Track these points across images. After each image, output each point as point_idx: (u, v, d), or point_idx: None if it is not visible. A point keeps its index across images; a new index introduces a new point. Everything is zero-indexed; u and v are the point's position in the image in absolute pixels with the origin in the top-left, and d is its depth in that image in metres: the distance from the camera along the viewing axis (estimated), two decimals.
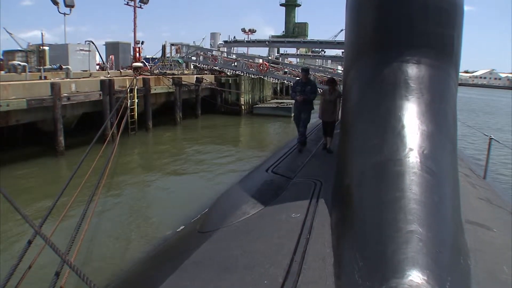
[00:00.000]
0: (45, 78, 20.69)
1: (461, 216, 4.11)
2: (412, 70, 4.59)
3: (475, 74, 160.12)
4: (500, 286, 3.50)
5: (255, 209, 5.87)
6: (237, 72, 34.11)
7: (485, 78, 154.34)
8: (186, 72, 35.34)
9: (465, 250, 3.73)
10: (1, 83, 15.58)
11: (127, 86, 22.02)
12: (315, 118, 11.23)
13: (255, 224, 5.41)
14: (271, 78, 35.02)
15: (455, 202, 4.00)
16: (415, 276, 2.93)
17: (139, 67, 27.72)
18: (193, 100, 30.45)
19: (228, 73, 34.76)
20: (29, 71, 21.76)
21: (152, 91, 24.72)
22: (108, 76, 24.18)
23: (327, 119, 9.57)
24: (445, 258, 3.24)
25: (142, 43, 36.16)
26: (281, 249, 4.30)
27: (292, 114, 11.04)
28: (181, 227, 7.45)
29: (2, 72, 23.23)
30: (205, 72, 36.11)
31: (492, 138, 9.35)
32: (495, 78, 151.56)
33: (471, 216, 4.85)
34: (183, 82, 28.03)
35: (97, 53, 32.14)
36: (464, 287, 3.24)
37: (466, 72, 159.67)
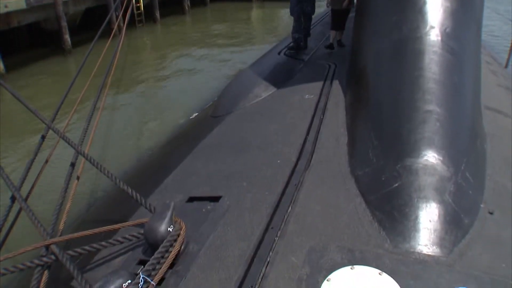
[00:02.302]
0: None
1: (481, 100, 3.95)
2: None
3: None
4: None
5: (268, 92, 5.75)
6: None
7: None
8: None
9: (482, 134, 3.64)
10: None
11: None
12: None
13: (267, 106, 5.33)
14: None
15: (475, 84, 3.81)
16: (431, 156, 2.89)
17: None
18: None
19: None
20: None
21: None
22: None
23: (338, 7, 7.77)
24: (462, 140, 3.19)
25: None
26: (295, 130, 4.26)
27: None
28: (194, 114, 7.47)
29: None
30: None
31: None
32: None
33: (490, 102, 4.67)
34: None
35: None
36: (479, 169, 3.19)
37: None
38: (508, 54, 9.07)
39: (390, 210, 2.72)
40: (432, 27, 3.63)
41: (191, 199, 3.31)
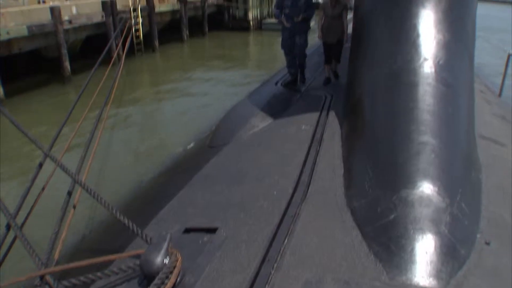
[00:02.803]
0: (44, 2, 19.98)
1: (475, 130, 4.01)
2: None
3: None
4: (510, 200, 3.45)
5: (265, 123, 5.81)
6: None
7: None
8: None
9: (477, 163, 3.68)
10: None
11: (130, 5, 21.26)
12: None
13: (264, 137, 5.36)
14: None
15: (469, 115, 3.89)
16: (426, 187, 2.91)
17: None
18: (199, 17, 29.52)
19: None
20: None
21: (157, 10, 23.87)
22: None
23: (331, 40, 7.28)
24: (457, 171, 3.22)
25: None
26: (291, 161, 4.28)
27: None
28: (191, 144, 7.49)
29: None
30: None
31: (511, 54, 8.83)
32: None
33: (484, 131, 4.74)
34: None
35: None
36: (475, 200, 3.22)
37: None
38: (501, 83, 9.23)
39: (386, 242, 2.72)
40: (426, 59, 3.72)
41: (188, 230, 3.30)
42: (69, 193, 4.02)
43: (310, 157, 4.29)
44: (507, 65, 8.97)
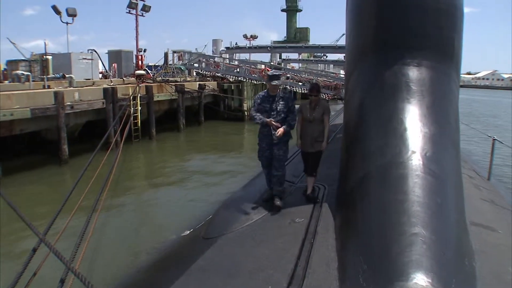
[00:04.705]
0: (49, 87, 20.78)
1: (465, 218, 4.11)
2: (413, 73, 4.61)
3: (477, 75, 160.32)
4: (505, 287, 3.49)
5: (259, 215, 5.87)
6: (239, 78, 34.20)
7: (487, 79, 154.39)
8: (188, 79, 35.48)
9: (469, 251, 3.73)
10: (5, 92, 15.69)
11: (130, 94, 22.11)
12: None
13: (259, 229, 5.41)
14: None
15: (458, 203, 4.00)
16: (420, 278, 2.93)
17: (142, 75, 27.78)
18: (196, 107, 30.54)
19: (231, 79, 34.84)
20: (33, 81, 21.97)
21: (155, 99, 24.77)
22: (111, 84, 24.31)
23: (308, 148, 6.21)
24: (450, 260, 3.24)
25: (145, 50, 36.53)
26: (285, 254, 4.31)
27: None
28: (186, 233, 7.45)
29: (6, 81, 23.45)
30: (208, 78, 36.18)
31: (495, 139, 9.31)
32: (498, 79, 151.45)
33: (475, 217, 4.84)
34: (185, 89, 28.08)
35: (99, 61, 32.31)
36: None
37: (469, 73, 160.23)
38: (489, 167, 9.53)
39: None
40: (414, 152, 3.92)
41: None
42: (62, 281, 3.98)
43: (305, 250, 4.32)
44: (492, 150, 9.34)
